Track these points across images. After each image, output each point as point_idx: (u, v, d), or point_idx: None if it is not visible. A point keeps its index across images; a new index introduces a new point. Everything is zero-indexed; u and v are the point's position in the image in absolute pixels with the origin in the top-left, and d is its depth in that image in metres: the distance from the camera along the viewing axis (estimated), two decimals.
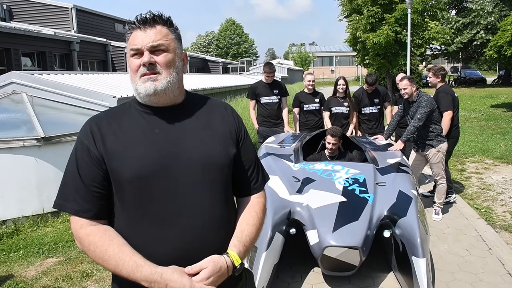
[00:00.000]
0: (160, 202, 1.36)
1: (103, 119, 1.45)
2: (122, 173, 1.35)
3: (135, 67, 1.40)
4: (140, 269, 1.28)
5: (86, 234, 1.35)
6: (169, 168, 1.37)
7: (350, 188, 3.77)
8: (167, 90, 1.41)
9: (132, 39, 1.40)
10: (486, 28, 30.70)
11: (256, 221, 1.53)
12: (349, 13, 22.59)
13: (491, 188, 6.40)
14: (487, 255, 4.15)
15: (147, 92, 1.39)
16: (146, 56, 1.38)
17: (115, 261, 1.30)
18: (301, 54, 55.82)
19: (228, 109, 1.59)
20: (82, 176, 1.38)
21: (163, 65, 1.40)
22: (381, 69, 22.19)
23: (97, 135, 1.40)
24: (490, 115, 15.29)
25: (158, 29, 1.40)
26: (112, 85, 8.05)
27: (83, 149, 1.40)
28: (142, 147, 1.38)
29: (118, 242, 1.34)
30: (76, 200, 1.37)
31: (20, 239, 4.87)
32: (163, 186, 1.36)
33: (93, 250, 1.33)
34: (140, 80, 1.40)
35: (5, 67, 12.82)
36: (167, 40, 1.41)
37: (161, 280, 1.27)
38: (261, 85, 6.46)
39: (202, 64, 32.00)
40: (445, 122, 5.34)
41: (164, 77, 1.40)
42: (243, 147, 1.56)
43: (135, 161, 1.35)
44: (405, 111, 5.26)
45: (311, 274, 3.81)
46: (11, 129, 5.46)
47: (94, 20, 21.05)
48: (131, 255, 1.30)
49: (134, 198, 1.36)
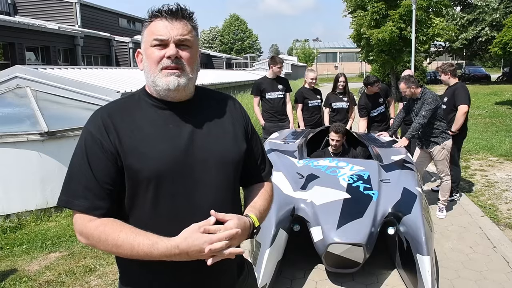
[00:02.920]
0: (175, 200, 1.33)
1: (115, 111, 1.38)
2: (139, 170, 1.30)
3: (157, 58, 1.33)
4: (156, 246, 1.24)
5: (95, 226, 1.29)
6: (185, 165, 1.34)
7: (354, 185, 3.75)
8: (187, 86, 1.37)
9: (156, 29, 1.33)
10: (491, 24, 30.47)
11: (268, 197, 1.55)
12: (353, 9, 22.45)
13: (496, 186, 6.36)
14: (491, 252, 4.13)
15: (168, 86, 1.34)
16: (173, 49, 1.32)
17: (129, 244, 1.25)
18: (305, 50, 55.57)
19: (236, 104, 1.58)
20: (94, 171, 1.30)
21: (187, 61, 1.35)
22: (385, 66, 22.10)
23: (110, 128, 1.33)
24: (495, 112, 15.22)
25: (185, 23, 1.35)
26: (116, 79, 8.05)
27: (94, 143, 1.32)
28: (158, 143, 1.33)
29: (129, 227, 1.29)
30: (87, 197, 1.30)
31: (24, 233, 4.88)
32: (179, 183, 1.33)
33: (105, 239, 1.27)
34: (161, 73, 1.34)
35: (9, 62, 12.84)
36: (192, 37, 1.37)
37: (179, 251, 1.23)
38: (266, 80, 6.43)
39: (205, 60, 31.94)
40: (459, 115, 5.30)
41: (187, 74, 1.36)
42: (252, 141, 1.56)
43: (152, 158, 1.31)
44: (409, 108, 5.23)
45: (315, 271, 3.80)
46: (15, 124, 5.46)
47: (98, 15, 21.06)
48: (144, 234, 1.26)
49: (149, 195, 1.32)
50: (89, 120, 1.38)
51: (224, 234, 1.24)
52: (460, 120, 5.34)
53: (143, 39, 1.40)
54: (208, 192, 1.37)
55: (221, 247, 1.23)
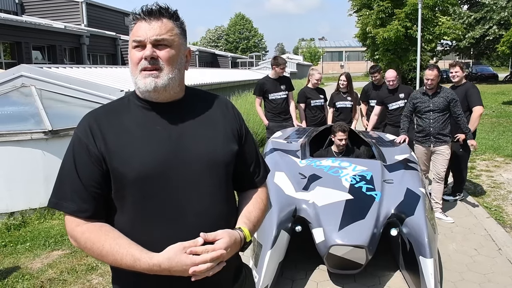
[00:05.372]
0: (164, 202, 1.32)
1: (103, 115, 1.39)
2: (125, 173, 1.31)
3: (136, 59, 1.35)
4: (138, 263, 1.25)
5: (81, 232, 1.32)
6: (173, 167, 1.33)
7: (357, 186, 3.72)
8: (168, 87, 1.36)
9: (136, 30, 1.35)
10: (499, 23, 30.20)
11: (262, 207, 1.54)
12: (359, 8, 22.42)
13: (502, 187, 6.31)
14: (496, 255, 4.09)
15: (146, 88, 1.34)
16: (149, 50, 1.32)
17: (113, 255, 1.27)
18: (310, 49, 55.51)
19: (228, 106, 1.56)
20: (81, 175, 1.33)
21: (165, 61, 1.35)
22: (391, 65, 21.99)
23: (96, 132, 1.34)
24: (502, 112, 15.09)
25: (163, 22, 1.34)
26: (120, 78, 8.06)
27: (81, 147, 1.34)
28: (145, 145, 1.34)
29: (114, 236, 1.30)
30: (74, 199, 1.32)
31: (27, 231, 4.91)
32: (167, 185, 1.32)
33: (90, 248, 1.30)
34: (140, 74, 1.34)
35: (16, 60, 12.91)
36: (172, 35, 1.36)
37: (161, 270, 1.24)
38: (269, 81, 6.40)
39: (211, 59, 31.97)
40: (475, 117, 5.20)
41: (166, 74, 1.35)
42: (245, 143, 1.54)
43: (138, 160, 1.31)
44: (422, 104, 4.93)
45: (316, 272, 3.78)
46: (20, 122, 5.49)
47: (104, 14, 21.14)
48: (128, 248, 1.27)
49: (137, 198, 1.32)
50: (78, 124, 1.40)
51: (208, 256, 1.24)
52: (476, 122, 5.23)
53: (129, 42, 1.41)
54: (197, 193, 1.36)
55: (205, 269, 1.24)
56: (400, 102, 5.91)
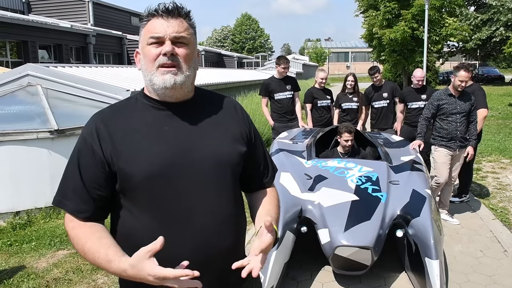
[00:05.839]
0: (172, 203, 1.32)
1: (110, 116, 1.39)
2: (132, 174, 1.30)
3: (153, 56, 1.33)
4: (110, 265, 1.22)
5: (72, 227, 1.33)
6: (181, 167, 1.33)
7: (362, 187, 3.71)
8: (184, 84, 1.36)
9: (152, 27, 1.33)
10: (506, 25, 29.97)
11: (277, 203, 1.55)
12: (365, 8, 22.34)
13: (508, 188, 6.27)
14: (502, 257, 4.06)
15: (165, 84, 1.33)
16: (168, 46, 1.31)
17: (92, 254, 1.25)
18: (316, 49, 55.39)
19: (237, 107, 1.55)
20: (83, 176, 1.33)
21: (183, 59, 1.34)
22: (397, 66, 21.97)
23: (103, 134, 1.34)
24: (508, 114, 14.99)
25: (180, 21, 1.35)
26: (126, 78, 8.08)
27: (86, 148, 1.35)
28: (152, 145, 1.33)
29: (99, 235, 1.29)
30: (74, 199, 1.33)
31: (33, 230, 4.92)
32: (174, 186, 1.32)
33: (76, 243, 1.30)
34: (158, 71, 1.33)
35: (22, 59, 12.97)
36: (189, 34, 1.36)
37: (129, 276, 1.18)
38: (274, 81, 6.39)
39: (217, 59, 31.97)
40: (479, 119, 5.14)
41: (184, 71, 1.35)
42: (254, 145, 1.54)
43: (145, 160, 1.30)
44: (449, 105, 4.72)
45: (322, 273, 3.77)
46: (26, 121, 5.51)
47: (111, 14, 21.20)
48: (106, 248, 1.23)
49: (144, 199, 1.32)
50: (85, 125, 1.40)
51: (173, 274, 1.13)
52: (480, 124, 5.18)
53: (140, 39, 1.39)
54: (206, 193, 1.35)
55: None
56: (421, 102, 5.89)
